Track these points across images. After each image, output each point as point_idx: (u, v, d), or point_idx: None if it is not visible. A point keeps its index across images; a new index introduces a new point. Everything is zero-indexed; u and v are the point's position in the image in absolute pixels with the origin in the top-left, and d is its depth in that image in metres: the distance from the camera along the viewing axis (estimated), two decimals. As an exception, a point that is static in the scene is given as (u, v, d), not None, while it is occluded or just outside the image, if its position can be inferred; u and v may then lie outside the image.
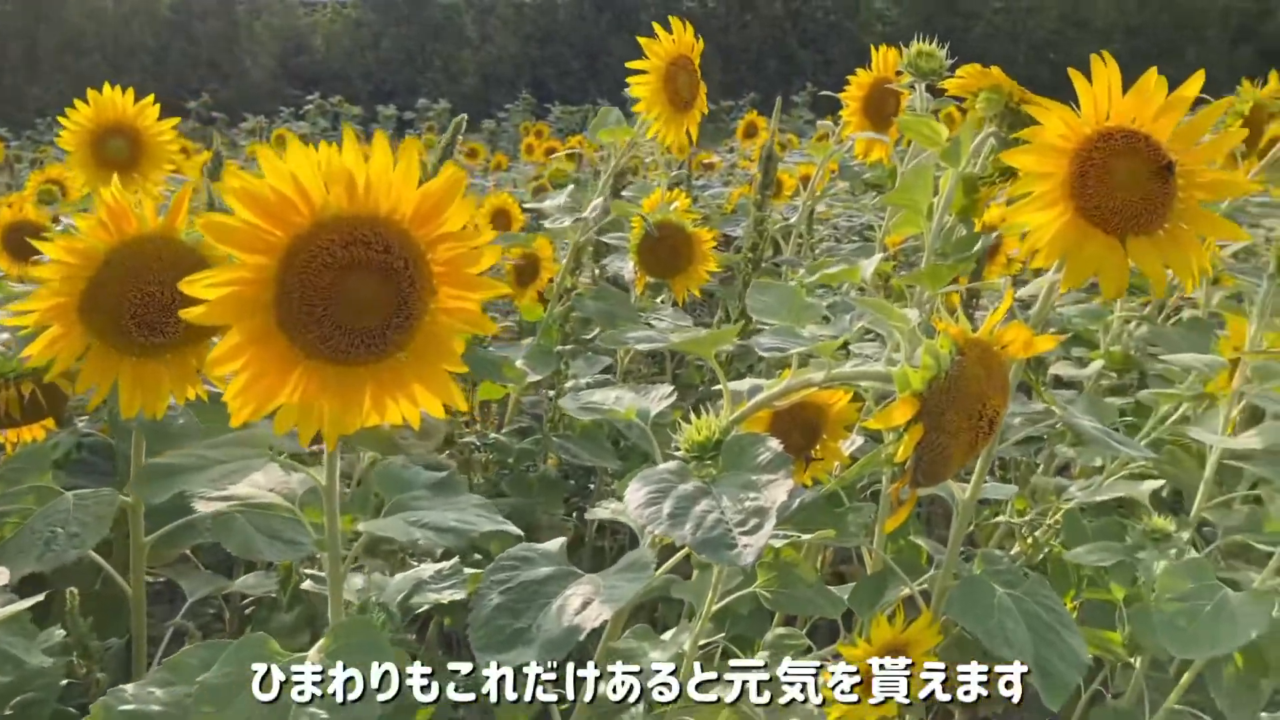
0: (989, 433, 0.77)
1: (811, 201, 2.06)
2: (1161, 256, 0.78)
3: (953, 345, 0.75)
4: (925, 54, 1.51)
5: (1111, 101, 0.77)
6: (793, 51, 16.27)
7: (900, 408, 0.73)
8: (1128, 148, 0.77)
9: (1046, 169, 0.78)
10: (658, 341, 0.86)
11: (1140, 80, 0.77)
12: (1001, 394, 0.78)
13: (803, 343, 0.80)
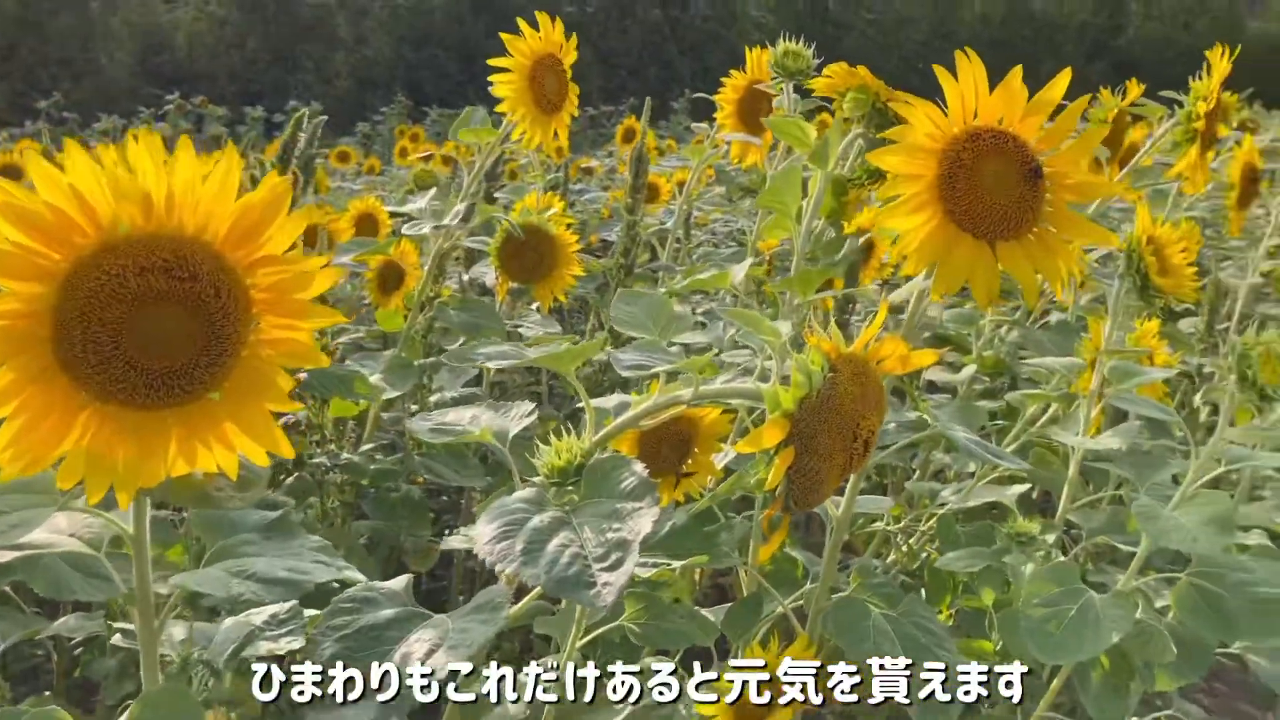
0: (864, 454, 0.73)
1: (688, 206, 2.03)
2: (1032, 262, 0.75)
3: (825, 361, 0.71)
4: (792, 53, 1.48)
5: (979, 100, 0.74)
6: (672, 58, 16.37)
7: (770, 429, 0.69)
8: (996, 148, 0.74)
9: (915, 170, 0.74)
10: (511, 359, 0.80)
11: (1006, 79, 0.74)
12: (877, 412, 0.75)
13: (669, 359, 0.74)
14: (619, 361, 0.73)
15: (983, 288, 0.74)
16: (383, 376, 1.32)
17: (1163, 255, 1.02)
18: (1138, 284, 1.01)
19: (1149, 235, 1.01)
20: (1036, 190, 0.74)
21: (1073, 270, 0.76)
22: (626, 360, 0.73)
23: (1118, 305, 1.04)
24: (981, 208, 0.74)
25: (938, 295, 0.75)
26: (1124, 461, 0.99)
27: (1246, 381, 0.87)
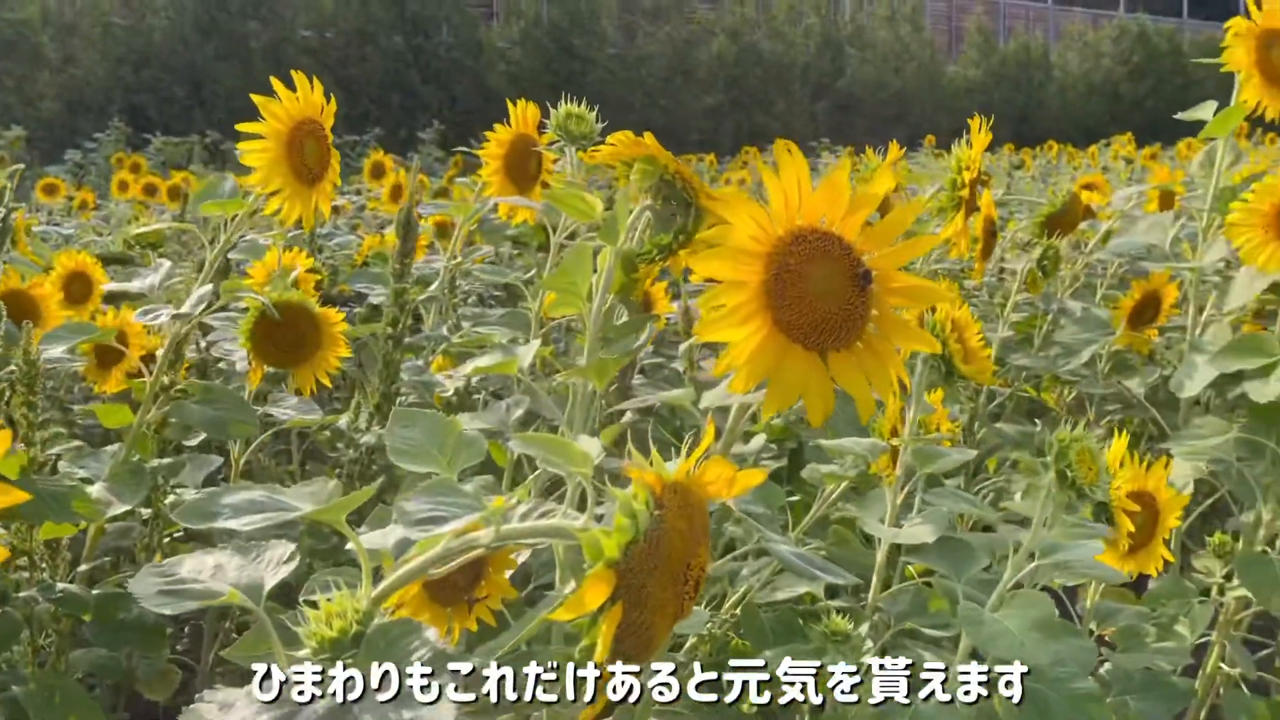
0: (694, 596, 0.64)
1: (453, 265, 1.89)
2: (864, 372, 0.69)
3: (650, 497, 0.61)
4: (575, 117, 1.39)
5: (802, 197, 0.67)
6: (416, 87, 16.00)
7: (593, 587, 0.58)
8: (823, 251, 0.67)
9: (740, 276, 0.66)
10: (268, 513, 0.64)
11: (830, 175, 0.68)
12: (705, 544, 0.66)
13: (468, 505, 0.62)
14: (406, 516, 0.60)
15: (818, 403, 0.67)
16: (108, 486, 1.10)
17: (964, 339, 1.01)
18: (942, 370, 0.99)
19: (952, 320, 0.99)
20: (865, 295, 0.68)
21: (903, 378, 0.70)
22: (415, 511, 0.60)
23: (919, 388, 1.02)
24: (812, 316, 0.67)
25: (769, 414, 0.67)
26: (934, 553, 0.96)
27: (1065, 480, 0.85)
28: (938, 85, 21.88)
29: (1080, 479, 0.86)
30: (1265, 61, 1.49)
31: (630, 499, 0.60)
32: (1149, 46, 24.00)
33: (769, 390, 0.66)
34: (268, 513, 0.64)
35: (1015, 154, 10.99)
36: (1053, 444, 0.86)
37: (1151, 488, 1.32)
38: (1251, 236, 1.19)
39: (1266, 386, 1.25)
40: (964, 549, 0.97)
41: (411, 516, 0.60)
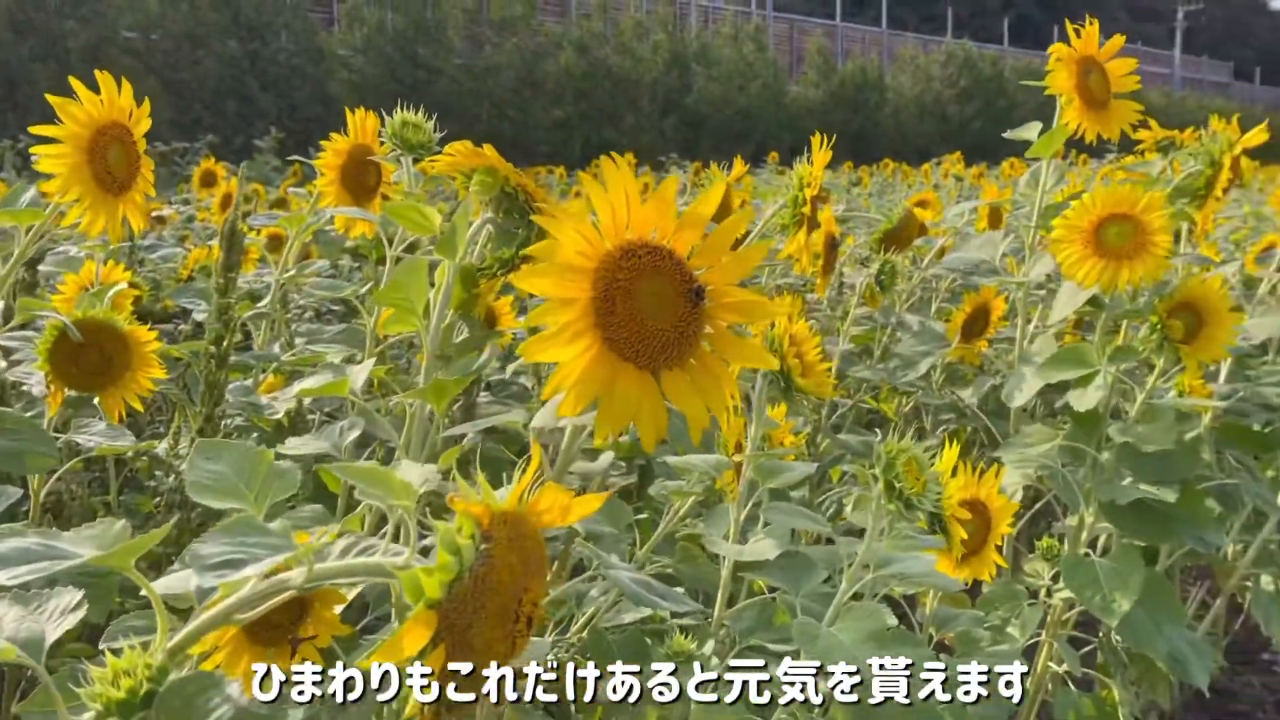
0: (528, 633, 0.60)
1: (284, 279, 1.79)
2: (698, 391, 0.67)
3: (477, 530, 0.57)
4: (412, 125, 1.34)
5: (631, 211, 0.65)
6: (253, 93, 15.36)
7: (412, 631, 0.54)
8: (653, 266, 0.65)
9: (567, 294, 0.63)
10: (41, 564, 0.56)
11: (660, 189, 0.65)
12: (539, 577, 0.62)
13: (273, 548, 0.56)
14: (200, 560, 0.54)
15: (650, 425, 0.65)
16: None
17: (802, 353, 1.00)
18: (781, 385, 0.99)
19: (790, 334, 0.98)
20: (698, 312, 0.66)
21: (735, 395, 0.69)
22: (210, 555, 0.54)
23: (760, 403, 1.01)
24: (644, 333, 0.64)
25: (602, 437, 0.64)
26: (776, 569, 0.95)
27: (893, 491, 0.86)
28: (781, 104, 22.56)
29: (907, 489, 0.86)
30: (1084, 86, 1.57)
31: (454, 533, 0.55)
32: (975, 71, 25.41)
33: (600, 412, 0.63)
34: (41, 562, 0.57)
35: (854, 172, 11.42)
36: (880, 455, 0.86)
37: (983, 496, 1.36)
38: (1072, 252, 1.24)
39: (1086, 395, 1.31)
40: (804, 563, 0.97)
41: (206, 560, 0.54)
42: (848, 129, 23.36)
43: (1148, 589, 1.35)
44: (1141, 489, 1.27)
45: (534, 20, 19.52)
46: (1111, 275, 1.21)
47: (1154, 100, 30.48)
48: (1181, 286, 1.30)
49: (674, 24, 22.46)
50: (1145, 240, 1.22)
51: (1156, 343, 1.30)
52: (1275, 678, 2.50)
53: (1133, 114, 1.57)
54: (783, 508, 0.96)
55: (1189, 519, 1.30)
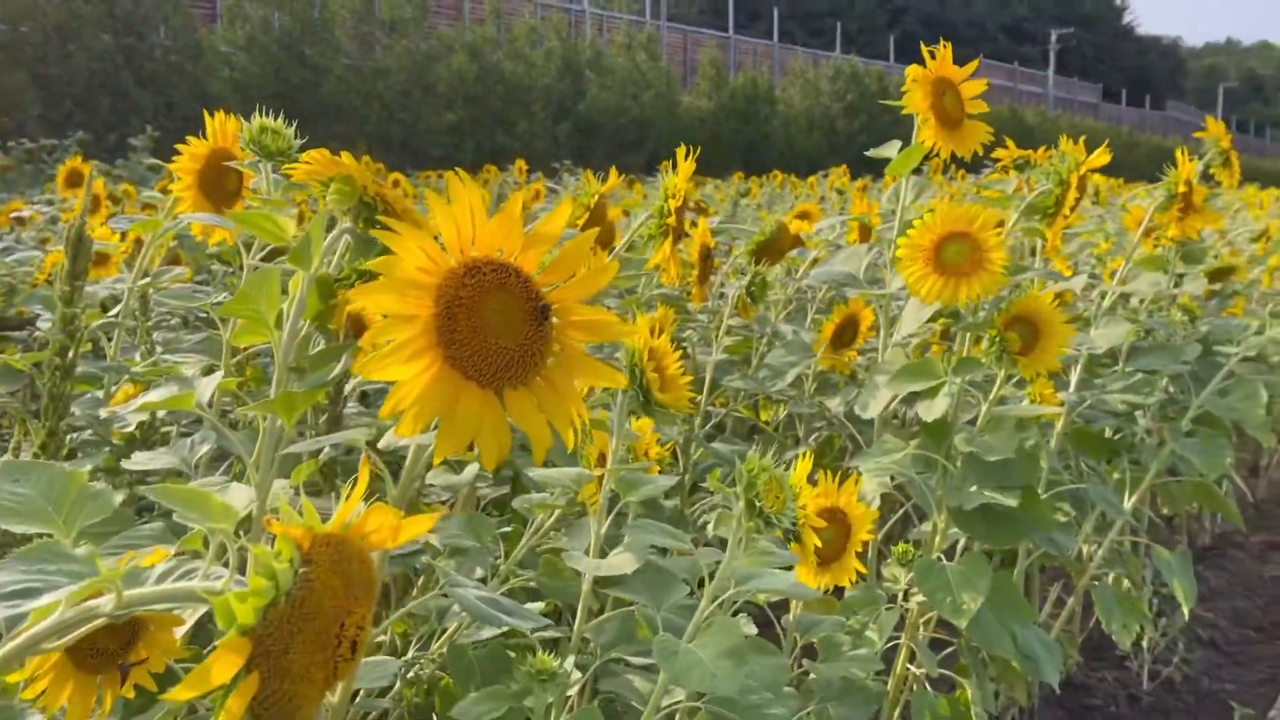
0: (352, 657, 0.59)
1: (140, 286, 1.72)
2: (543, 410, 0.67)
3: (296, 553, 0.56)
4: (272, 131, 1.30)
5: (475, 228, 0.65)
6: (128, 89, 14.70)
7: (222, 659, 0.52)
8: (499, 284, 0.65)
9: (408, 310, 0.63)
10: None
11: (506, 206, 0.66)
12: (367, 599, 0.61)
13: (74, 575, 0.54)
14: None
15: (492, 445, 0.65)
16: None
17: (662, 367, 1.02)
18: (641, 399, 1.00)
19: (650, 348, 0.99)
20: (544, 330, 0.67)
21: (583, 414, 0.69)
22: (4, 583, 0.51)
23: (621, 417, 1.02)
24: (487, 352, 0.64)
25: (442, 458, 0.64)
26: (636, 585, 0.96)
27: (753, 509, 0.87)
28: (674, 113, 22.76)
29: (767, 507, 0.88)
30: (939, 106, 1.63)
31: (270, 556, 0.54)
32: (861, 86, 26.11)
33: (440, 432, 0.63)
34: None
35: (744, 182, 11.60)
36: (742, 474, 0.88)
37: (843, 504, 1.40)
38: (915, 270, 1.29)
39: (933, 406, 1.36)
40: (665, 577, 0.98)
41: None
42: (739, 140, 23.74)
43: (996, 591, 1.41)
44: (986, 495, 1.33)
45: (426, 23, 19.25)
46: (951, 292, 1.26)
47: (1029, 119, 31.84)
48: (1017, 301, 1.36)
49: (567, 31, 22.46)
50: (982, 257, 1.27)
51: (996, 354, 1.36)
52: (1128, 673, 2.64)
53: (985, 134, 1.63)
54: (642, 524, 0.97)
55: (1033, 522, 1.36)
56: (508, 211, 0.65)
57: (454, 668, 1.16)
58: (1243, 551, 3.50)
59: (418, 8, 18.82)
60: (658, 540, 0.94)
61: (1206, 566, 3.34)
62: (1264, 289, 3.97)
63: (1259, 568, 3.38)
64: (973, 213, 1.31)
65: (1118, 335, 1.88)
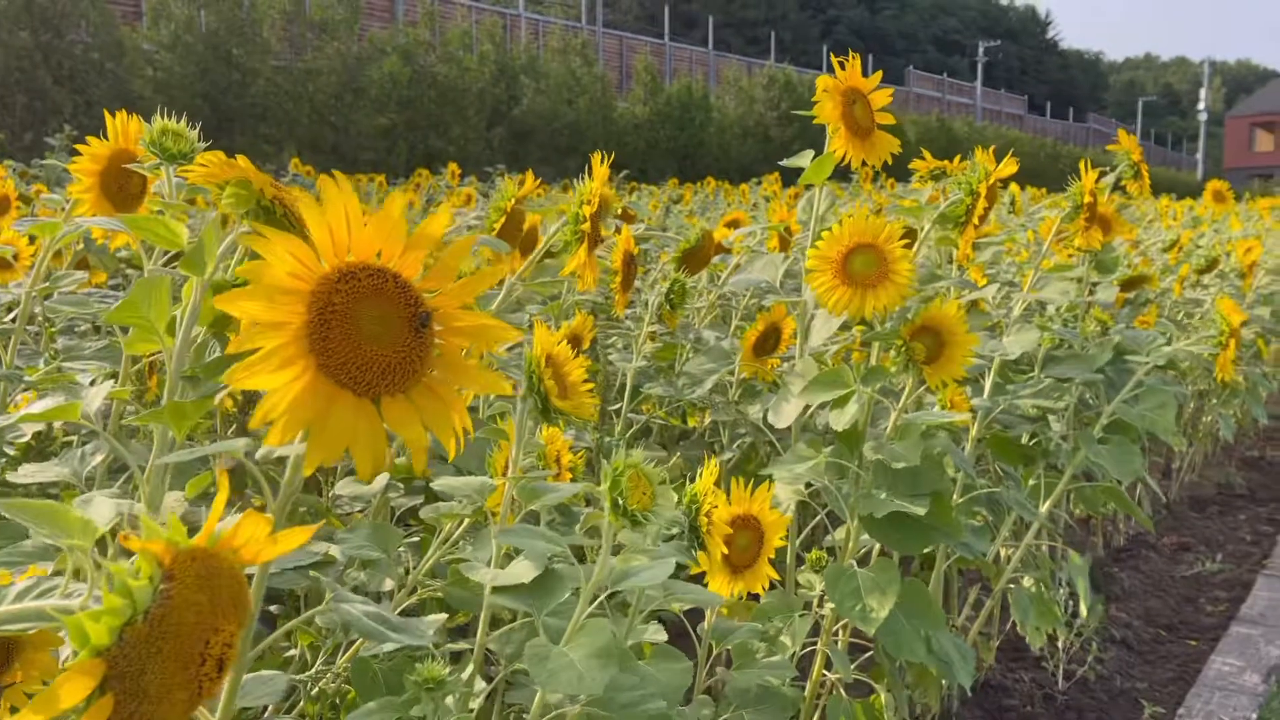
0: (218, 676, 0.57)
1: (38, 291, 1.66)
2: (423, 417, 0.66)
3: (156, 569, 0.54)
4: (173, 134, 1.27)
5: (352, 232, 0.63)
6: (46, 88, 14.27)
7: (71, 680, 0.50)
8: (376, 289, 0.63)
9: (278, 317, 0.61)
10: None
11: (384, 207, 0.64)
12: (237, 615, 0.59)
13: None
14: None
15: (368, 454, 0.63)
16: None
17: (561, 374, 1.00)
18: (540, 406, 0.98)
19: (548, 354, 0.98)
20: (424, 337, 0.65)
21: (467, 425, 0.68)
22: None
23: (522, 425, 1.01)
24: (363, 359, 0.63)
25: (313, 467, 0.62)
26: (524, 591, 0.95)
27: (618, 508, 0.86)
28: (609, 119, 22.78)
29: (632, 506, 0.87)
30: (849, 116, 1.64)
31: (128, 573, 0.52)
32: (795, 94, 26.38)
33: (310, 442, 0.61)
34: None
35: (677, 189, 11.66)
36: (606, 473, 0.87)
37: (756, 511, 1.39)
38: (824, 281, 1.29)
39: (843, 414, 1.37)
40: (554, 583, 0.97)
41: None
42: (674, 146, 23.85)
43: (909, 596, 1.42)
44: (895, 503, 1.34)
45: (357, 25, 19.00)
46: (858, 303, 1.27)
47: (957, 129, 32.52)
48: (923, 311, 1.38)
49: (502, 35, 22.36)
50: (888, 269, 1.28)
51: (902, 363, 1.37)
52: (1044, 673, 2.69)
53: (894, 144, 1.65)
54: (525, 530, 0.96)
55: (941, 528, 1.38)
56: (385, 214, 0.63)
57: (358, 681, 1.13)
58: (1155, 553, 3.60)
59: (349, 9, 18.57)
60: (538, 545, 0.92)
61: (1121, 567, 3.42)
62: (1175, 297, 4.09)
63: (1171, 568, 3.47)
64: (878, 225, 1.32)
65: (1029, 342, 1.91)
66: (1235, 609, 3.03)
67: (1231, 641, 2.77)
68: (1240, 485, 4.47)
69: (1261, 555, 3.54)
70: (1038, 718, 2.48)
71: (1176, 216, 7.13)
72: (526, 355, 0.98)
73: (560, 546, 0.92)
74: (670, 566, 0.95)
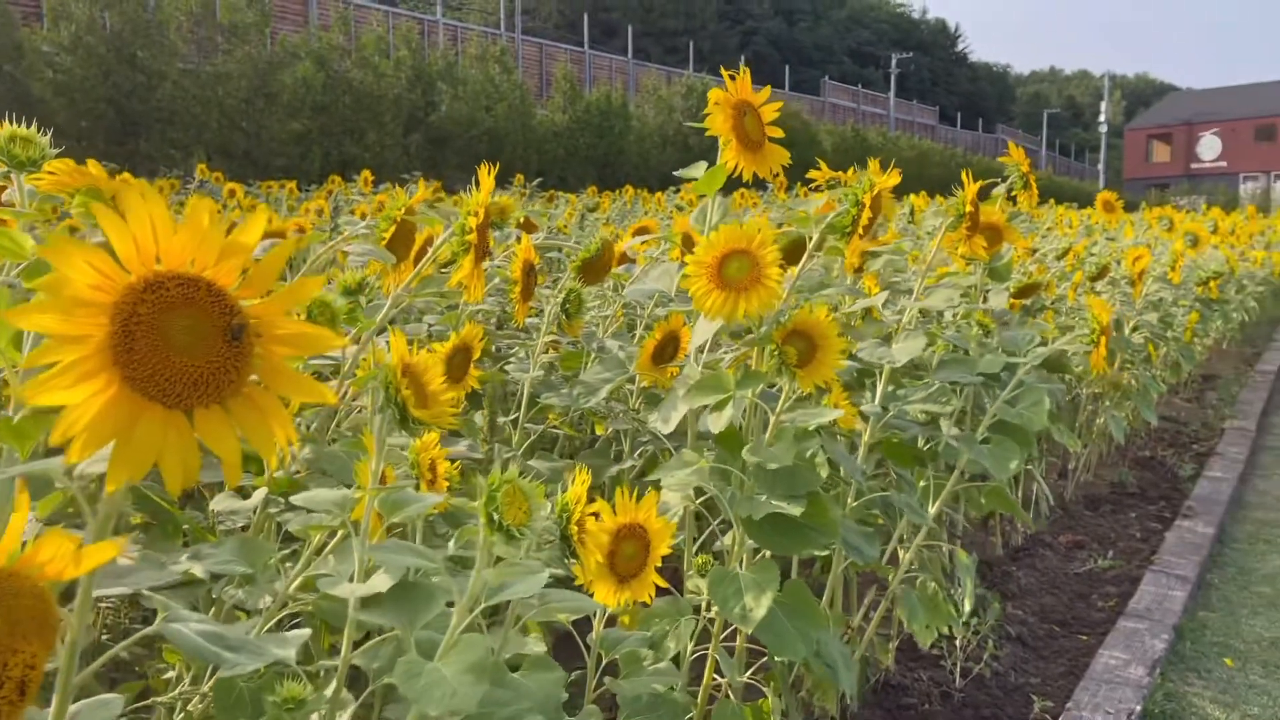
0: (19, 700, 0.55)
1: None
2: (240, 428, 0.64)
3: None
4: (22, 140, 1.21)
5: (160, 241, 0.61)
6: (-66, 91, 13.75)
7: None
8: (187, 299, 0.61)
9: (78, 331, 0.58)
10: None
11: (191, 214, 0.62)
12: (39, 637, 0.56)
13: None
14: None
15: (177, 468, 0.61)
16: None
17: (421, 384, 0.99)
18: (398, 416, 0.97)
19: (405, 365, 0.96)
20: (241, 347, 0.63)
21: (291, 436, 0.66)
22: None
23: (382, 435, 0.99)
24: (171, 371, 0.60)
25: (116, 484, 0.59)
26: (389, 608, 0.93)
27: (493, 523, 0.85)
28: (528, 126, 22.68)
29: (508, 521, 0.86)
30: (740, 128, 1.65)
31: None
32: (713, 104, 26.57)
33: (113, 457, 0.59)
34: None
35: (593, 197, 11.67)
36: (482, 489, 0.86)
37: (642, 519, 1.39)
38: (700, 286, 1.30)
39: (720, 417, 1.38)
40: (422, 595, 0.95)
41: None
42: (594, 154, 23.86)
43: (790, 597, 1.43)
44: (773, 505, 1.35)
45: (268, 28, 18.61)
46: (731, 307, 1.28)
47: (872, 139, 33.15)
48: (794, 316, 1.40)
49: (418, 41, 22.11)
50: (760, 274, 1.29)
51: (776, 367, 1.39)
52: (943, 671, 2.74)
53: (784, 156, 1.67)
54: (393, 544, 0.94)
55: (819, 528, 1.39)
56: (194, 221, 0.61)
57: (221, 701, 1.10)
58: (1051, 551, 3.70)
59: (259, 13, 18.18)
60: (406, 560, 0.91)
61: (1019, 566, 3.51)
62: (1070, 303, 4.22)
63: (1065, 565, 3.57)
64: (752, 231, 1.33)
65: (915, 349, 1.95)
66: (1124, 604, 3.13)
67: (1119, 636, 2.86)
68: (1132, 484, 4.63)
69: (1150, 551, 3.66)
70: (935, 716, 2.52)
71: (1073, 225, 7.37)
72: (383, 365, 0.96)
73: (431, 561, 0.90)
74: (543, 579, 0.94)
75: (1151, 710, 2.55)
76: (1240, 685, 2.76)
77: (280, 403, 0.66)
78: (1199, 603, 3.33)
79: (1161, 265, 4.55)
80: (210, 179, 9.43)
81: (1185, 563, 3.48)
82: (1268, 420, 6.26)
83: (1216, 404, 6.37)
